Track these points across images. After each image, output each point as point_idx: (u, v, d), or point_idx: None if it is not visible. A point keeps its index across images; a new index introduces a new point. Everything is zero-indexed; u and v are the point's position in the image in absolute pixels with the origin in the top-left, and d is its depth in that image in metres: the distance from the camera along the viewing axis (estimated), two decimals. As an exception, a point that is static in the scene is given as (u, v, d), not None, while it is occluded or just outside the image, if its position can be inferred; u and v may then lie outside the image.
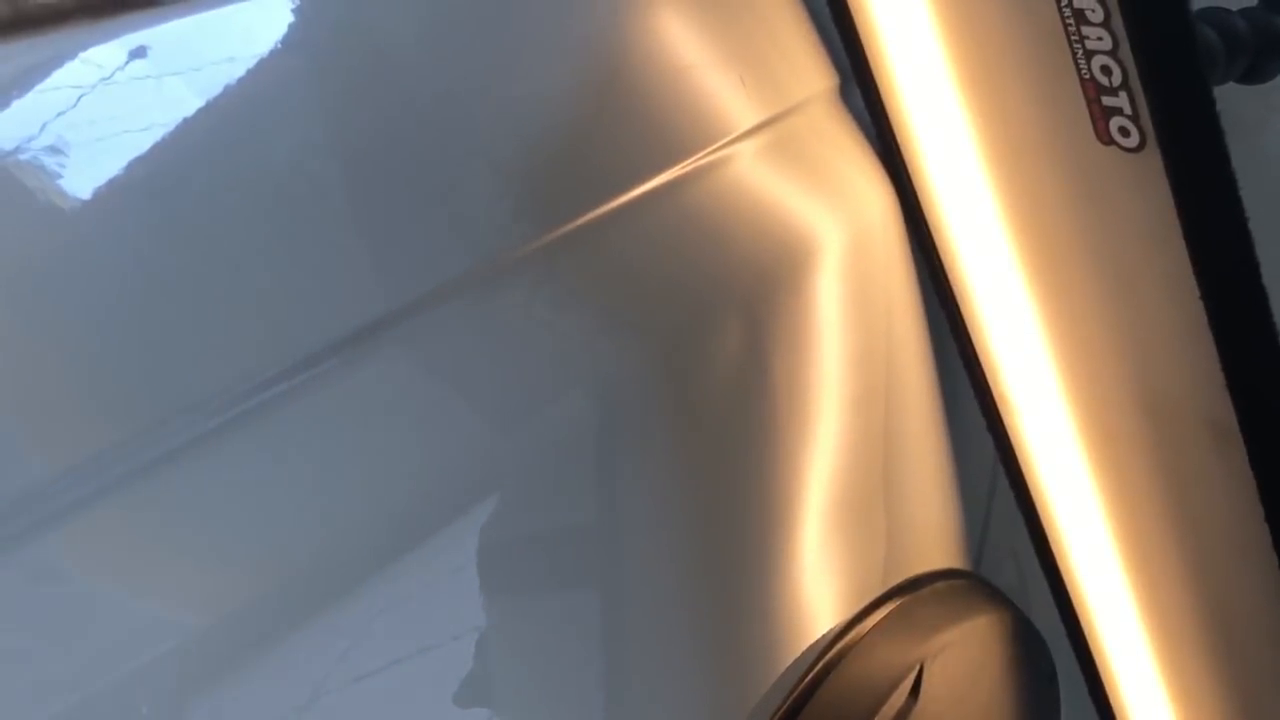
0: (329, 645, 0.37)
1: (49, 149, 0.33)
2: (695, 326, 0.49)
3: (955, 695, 0.59)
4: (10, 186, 0.33)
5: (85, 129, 0.34)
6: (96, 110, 0.35)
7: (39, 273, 0.33)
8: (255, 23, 0.39)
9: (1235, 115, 0.45)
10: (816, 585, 0.55)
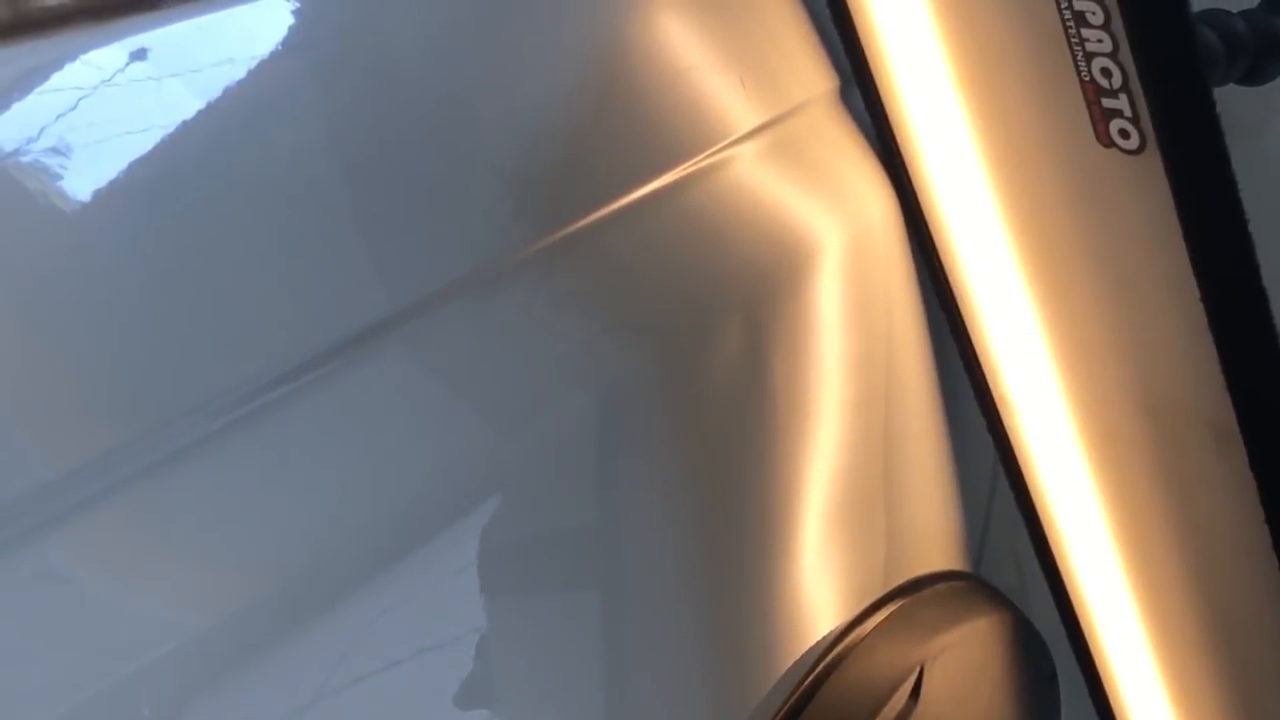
0: (331, 646, 0.37)
1: (50, 151, 0.33)
2: (696, 328, 0.49)
3: (956, 696, 0.59)
4: (12, 189, 0.33)
5: (86, 131, 0.34)
6: (97, 112, 0.35)
7: (41, 275, 0.33)
8: (256, 25, 0.39)
9: (1235, 117, 0.45)
10: (817, 587, 0.56)
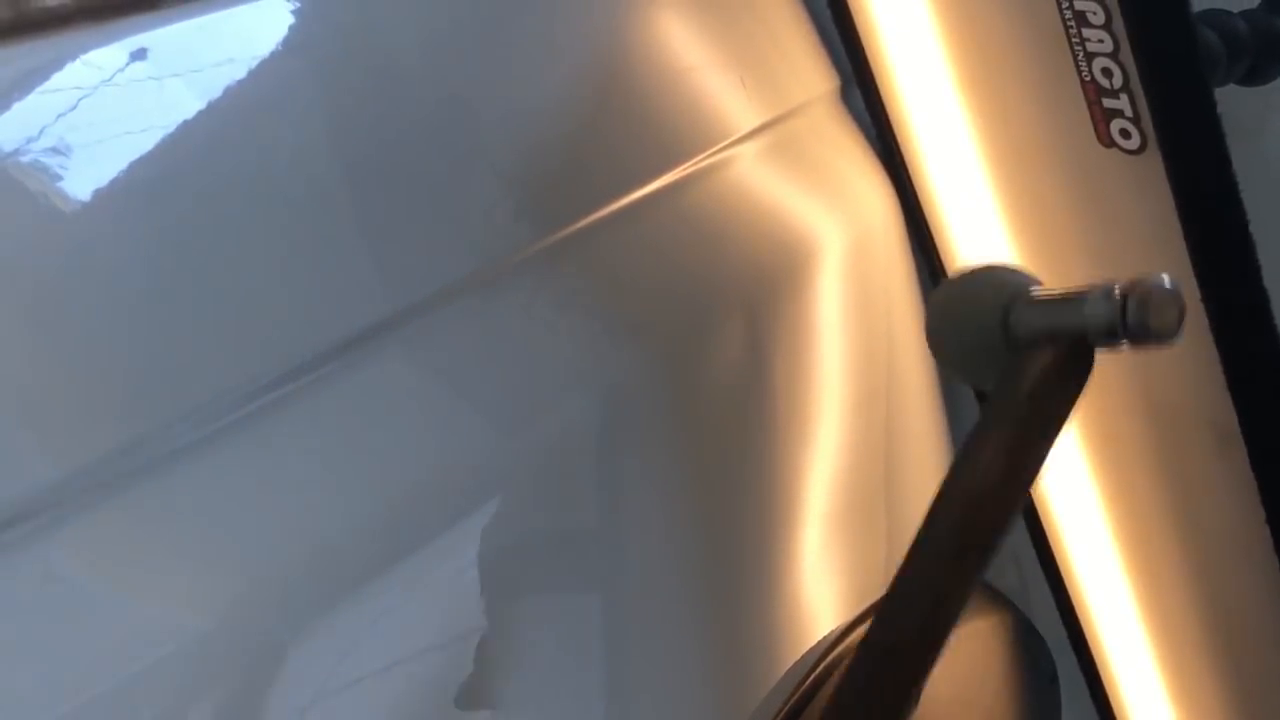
0: (331, 646, 0.37)
1: (50, 150, 0.33)
2: (696, 328, 0.49)
3: (957, 696, 0.59)
4: (12, 188, 0.33)
5: (86, 131, 0.34)
6: (98, 112, 0.35)
7: (42, 275, 0.33)
8: (256, 26, 0.39)
9: (1236, 117, 0.45)
10: (818, 587, 0.55)
